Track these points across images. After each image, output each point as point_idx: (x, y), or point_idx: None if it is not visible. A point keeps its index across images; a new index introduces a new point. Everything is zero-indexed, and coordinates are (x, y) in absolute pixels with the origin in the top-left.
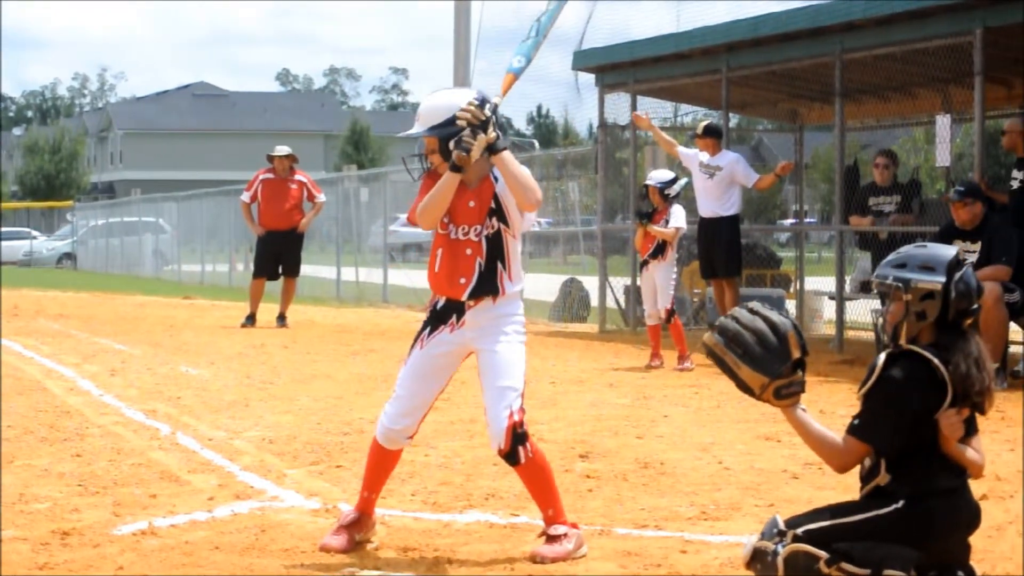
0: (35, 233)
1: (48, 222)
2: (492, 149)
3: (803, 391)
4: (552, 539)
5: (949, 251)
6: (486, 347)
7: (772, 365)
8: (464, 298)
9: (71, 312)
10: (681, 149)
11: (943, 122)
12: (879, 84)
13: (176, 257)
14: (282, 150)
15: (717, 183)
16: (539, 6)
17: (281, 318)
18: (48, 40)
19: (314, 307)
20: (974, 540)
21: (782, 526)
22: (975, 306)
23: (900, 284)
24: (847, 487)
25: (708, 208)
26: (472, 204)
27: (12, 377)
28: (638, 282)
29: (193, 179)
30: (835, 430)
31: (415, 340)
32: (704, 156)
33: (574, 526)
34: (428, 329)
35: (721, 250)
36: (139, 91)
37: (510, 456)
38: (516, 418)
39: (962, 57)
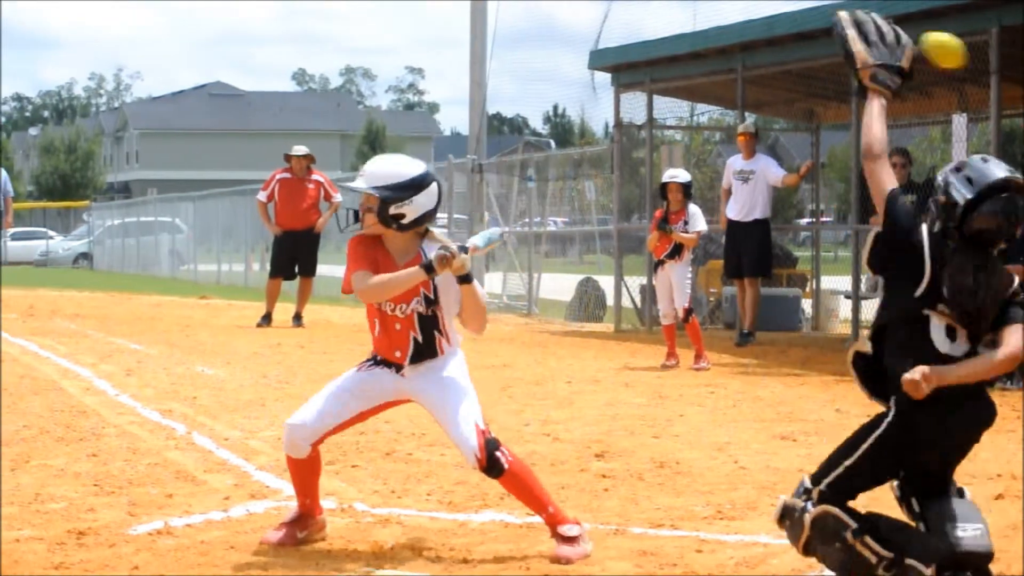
0: (51, 233)
1: (64, 222)
2: (464, 279)
3: (894, 90)
4: (569, 540)
5: (999, 173)
6: (430, 388)
7: (882, 54)
8: (404, 364)
9: (87, 312)
10: (725, 176)
11: (959, 121)
12: None
13: (192, 257)
14: (300, 150)
15: (752, 187)
16: (554, 6)
17: (297, 318)
18: (64, 40)
19: (330, 307)
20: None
21: (808, 484)
22: (1002, 234)
23: (940, 185)
24: None
25: (741, 211)
26: None
27: (28, 377)
28: (653, 282)
29: (209, 179)
30: (852, 430)
31: (357, 365)
32: (738, 163)
33: (577, 522)
34: (371, 363)
35: (751, 252)
36: (155, 91)
37: (491, 467)
38: (482, 427)
39: (978, 56)
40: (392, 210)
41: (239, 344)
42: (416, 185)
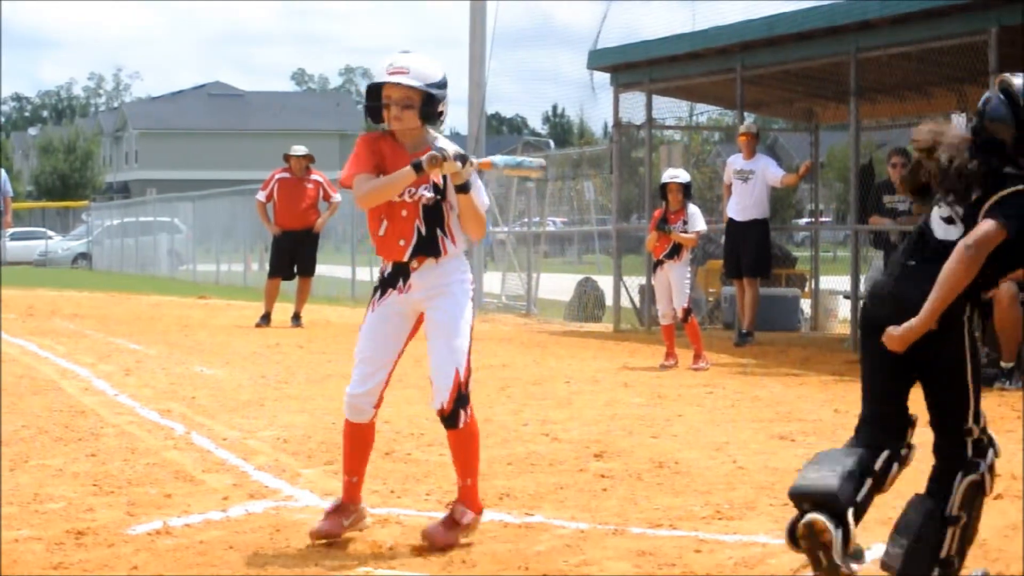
0: (50, 233)
1: (63, 222)
2: (461, 188)
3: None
4: (453, 525)
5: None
6: (432, 306)
7: None
8: (405, 259)
9: (86, 312)
10: (726, 174)
11: (959, 121)
12: (894, 83)
13: (191, 257)
14: (299, 150)
15: (751, 187)
16: (553, 6)
17: (296, 318)
18: (63, 40)
19: (329, 307)
20: (989, 539)
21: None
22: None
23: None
24: None
25: (740, 211)
26: None
27: (27, 376)
28: (652, 282)
29: (208, 179)
30: (850, 430)
31: (368, 306)
32: (739, 162)
33: (479, 512)
34: (378, 294)
35: (750, 251)
36: (154, 91)
37: (450, 418)
38: (462, 378)
39: (977, 56)
40: (438, 107)
41: (238, 344)
42: (446, 83)
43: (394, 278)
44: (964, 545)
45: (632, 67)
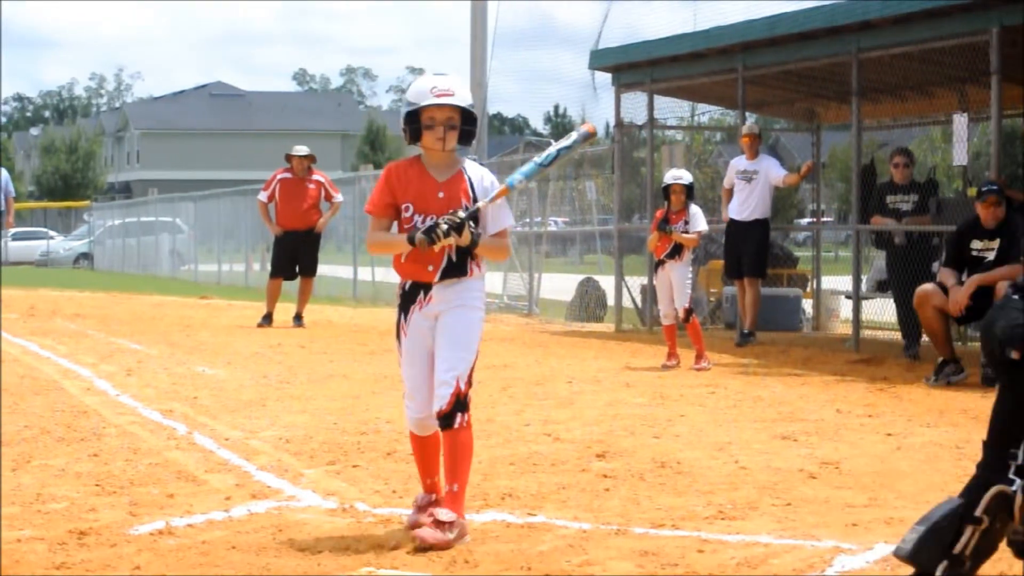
0: (52, 233)
1: (65, 222)
2: (469, 247)
3: None
4: (439, 524)
5: None
6: (448, 315)
7: None
8: (434, 282)
9: (88, 312)
10: (728, 176)
11: (960, 121)
12: (896, 83)
13: (193, 257)
14: (301, 150)
15: (754, 187)
16: (554, 6)
17: (298, 318)
18: (65, 40)
19: (331, 307)
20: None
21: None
22: None
23: None
24: (863, 486)
25: (742, 211)
26: (442, 195)
27: (29, 377)
28: (654, 282)
29: (210, 179)
30: (852, 430)
31: (397, 330)
32: (742, 163)
33: (461, 515)
34: (403, 316)
35: (750, 252)
36: (156, 91)
37: (447, 418)
38: (462, 387)
39: (979, 56)
40: (473, 128)
41: (240, 344)
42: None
43: (414, 293)
44: (981, 551)
45: (634, 67)
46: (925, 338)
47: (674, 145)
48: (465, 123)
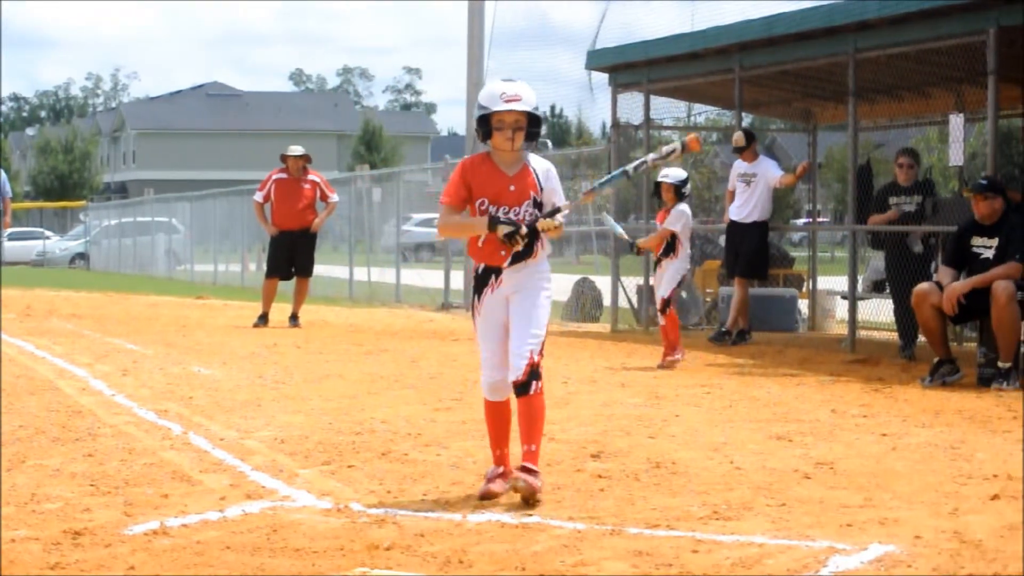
0: (48, 233)
1: (61, 222)
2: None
3: None
4: (531, 472)
5: None
6: (519, 295)
7: None
8: (504, 266)
9: (84, 312)
10: (730, 179)
11: (956, 121)
12: (892, 83)
13: (189, 257)
14: (296, 150)
15: (753, 189)
16: (551, 6)
17: (294, 318)
18: (61, 40)
19: (327, 307)
20: (985, 540)
21: None
22: None
23: None
24: (858, 487)
25: (741, 212)
26: (512, 188)
27: (24, 376)
28: (651, 281)
29: (206, 179)
30: (848, 430)
31: (472, 310)
32: (742, 165)
33: (538, 472)
34: (476, 297)
35: (746, 253)
36: (152, 91)
37: (523, 386)
38: (535, 359)
39: (975, 56)
40: (539, 129)
41: (235, 344)
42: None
43: (487, 276)
44: None
45: (630, 67)
46: (921, 339)
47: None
48: (531, 125)
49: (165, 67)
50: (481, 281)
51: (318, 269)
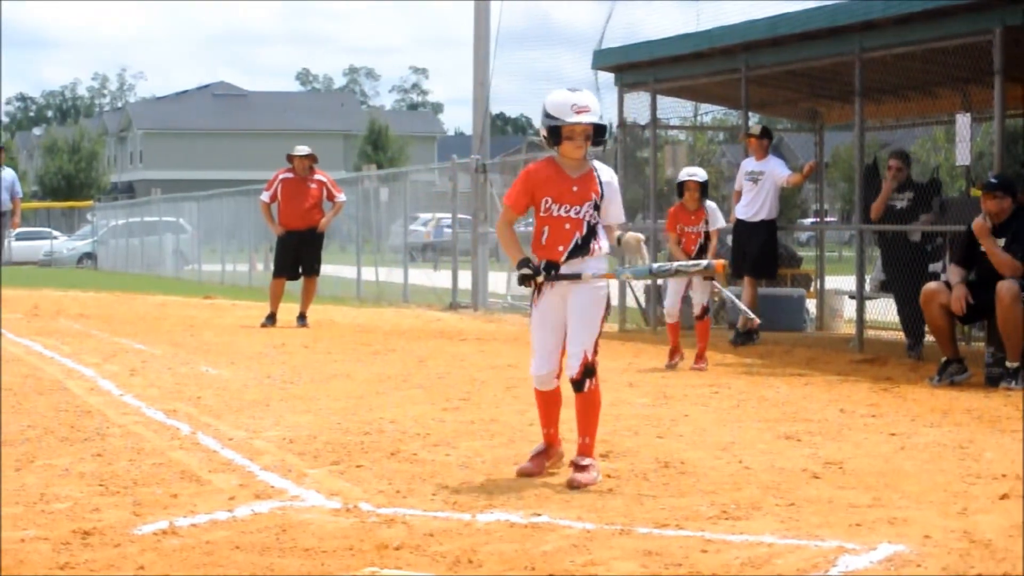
0: (55, 233)
1: (68, 222)
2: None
3: None
4: (581, 468)
5: None
6: (577, 294)
7: None
8: (561, 261)
9: (91, 312)
10: (738, 178)
11: (963, 121)
12: (898, 83)
13: (196, 257)
14: (302, 150)
15: (760, 188)
16: (557, 6)
17: (301, 318)
18: (67, 40)
19: (334, 307)
20: (995, 539)
21: None
22: None
23: None
24: (867, 486)
25: (748, 211)
26: (575, 189)
27: (33, 377)
28: (659, 281)
29: (213, 179)
30: (856, 430)
31: (531, 303)
32: (750, 164)
33: (593, 456)
34: (535, 292)
35: (754, 252)
36: (159, 91)
37: (579, 383)
38: (590, 357)
39: (981, 56)
40: (603, 136)
41: (243, 344)
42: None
43: (546, 272)
44: None
45: (636, 67)
46: (929, 338)
47: (677, 145)
48: (598, 132)
49: (172, 67)
50: (545, 272)
51: (326, 269)
